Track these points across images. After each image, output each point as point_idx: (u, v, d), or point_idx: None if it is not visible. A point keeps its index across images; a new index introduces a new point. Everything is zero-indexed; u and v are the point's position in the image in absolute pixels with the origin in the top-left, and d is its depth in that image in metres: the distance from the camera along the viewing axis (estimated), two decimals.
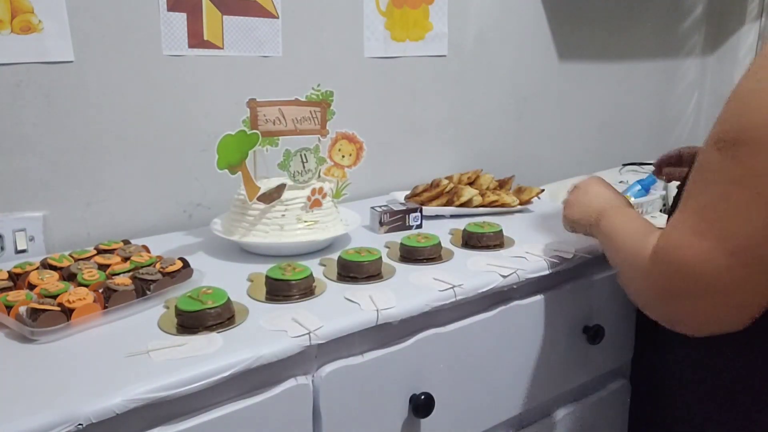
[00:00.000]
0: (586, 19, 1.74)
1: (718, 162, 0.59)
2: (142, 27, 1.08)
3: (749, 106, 0.57)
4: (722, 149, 0.58)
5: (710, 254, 0.58)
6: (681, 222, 0.61)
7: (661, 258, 0.62)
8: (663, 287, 0.63)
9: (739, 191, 0.57)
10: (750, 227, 0.56)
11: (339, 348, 0.77)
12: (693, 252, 0.59)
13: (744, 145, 0.56)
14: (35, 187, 1.04)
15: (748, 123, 0.57)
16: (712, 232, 0.58)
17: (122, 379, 0.62)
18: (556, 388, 1.03)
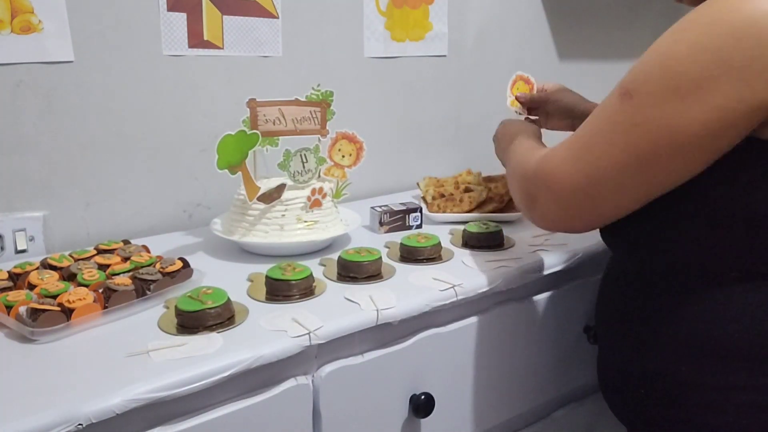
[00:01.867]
0: (586, 18, 1.74)
1: (612, 103, 0.67)
2: (142, 27, 1.08)
3: (649, 63, 0.65)
4: (620, 95, 0.66)
5: (574, 172, 0.69)
6: (567, 144, 0.71)
7: (539, 168, 0.74)
8: (532, 192, 0.75)
9: (614, 131, 0.66)
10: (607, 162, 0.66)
11: (339, 348, 0.77)
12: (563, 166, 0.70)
13: (633, 97, 0.64)
14: (35, 187, 1.04)
15: (643, 79, 0.65)
16: (583, 156, 0.69)
17: (122, 379, 0.62)
18: (556, 388, 1.03)
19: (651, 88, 0.64)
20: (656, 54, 0.65)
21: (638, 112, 0.64)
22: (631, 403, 0.80)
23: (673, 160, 0.64)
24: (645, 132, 0.64)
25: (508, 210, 1.18)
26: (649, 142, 0.64)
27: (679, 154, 0.63)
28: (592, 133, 0.69)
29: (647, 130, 0.63)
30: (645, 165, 0.65)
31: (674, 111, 0.62)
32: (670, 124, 0.62)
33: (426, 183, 1.30)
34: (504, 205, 1.19)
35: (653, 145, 0.63)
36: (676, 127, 0.62)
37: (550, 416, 1.05)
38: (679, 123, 0.62)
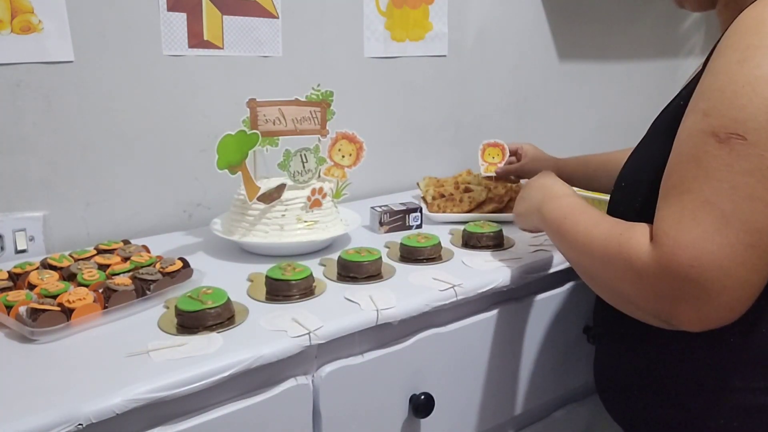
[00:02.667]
0: (586, 18, 1.74)
1: (719, 154, 0.58)
2: (142, 27, 1.08)
3: (749, 96, 0.57)
4: (722, 141, 0.57)
5: (733, 249, 0.56)
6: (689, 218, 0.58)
7: (669, 259, 0.59)
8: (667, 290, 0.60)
9: (752, 182, 0.56)
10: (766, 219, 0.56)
11: (339, 348, 0.77)
12: (712, 247, 0.57)
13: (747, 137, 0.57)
14: (35, 187, 1.04)
15: (751, 115, 0.57)
16: (731, 225, 0.57)
17: (122, 379, 0.62)
18: (556, 388, 1.03)
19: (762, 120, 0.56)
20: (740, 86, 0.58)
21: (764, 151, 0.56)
22: (628, 404, 0.81)
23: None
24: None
25: (507, 210, 1.18)
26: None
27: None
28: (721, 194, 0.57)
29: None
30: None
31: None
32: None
33: (426, 183, 1.30)
34: (504, 205, 1.19)
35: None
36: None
37: (550, 416, 1.06)
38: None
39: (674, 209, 0.60)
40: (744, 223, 0.57)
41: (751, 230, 0.57)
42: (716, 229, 0.57)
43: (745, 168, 0.57)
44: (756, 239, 0.57)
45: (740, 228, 0.57)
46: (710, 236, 0.57)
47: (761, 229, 0.57)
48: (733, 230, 0.57)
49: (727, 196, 0.57)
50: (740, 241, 0.56)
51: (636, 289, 0.64)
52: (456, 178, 1.29)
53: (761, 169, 0.56)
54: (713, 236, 0.57)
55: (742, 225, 0.57)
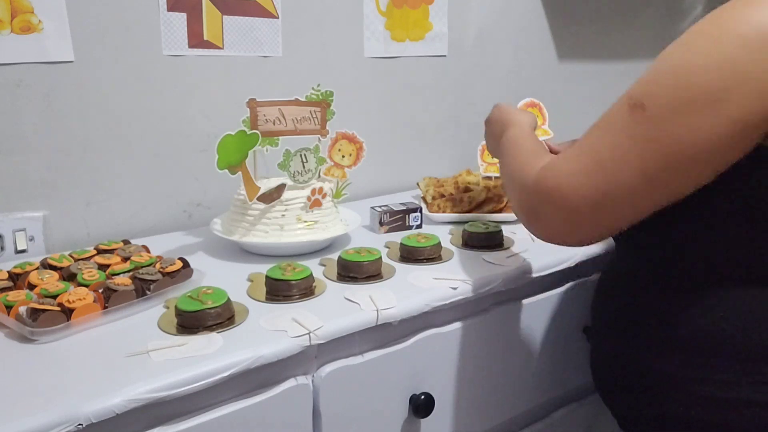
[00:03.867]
0: (585, 18, 1.74)
1: (623, 115, 0.65)
2: (142, 27, 1.08)
3: (661, 74, 0.64)
4: (631, 106, 0.64)
5: (588, 190, 0.66)
6: (574, 157, 0.68)
7: (542, 181, 0.70)
8: (534, 206, 0.71)
9: (630, 145, 0.64)
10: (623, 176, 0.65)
11: (339, 348, 0.77)
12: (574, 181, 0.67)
13: (647, 109, 0.63)
14: (35, 187, 1.04)
15: (655, 91, 0.63)
16: (598, 171, 0.66)
17: (122, 379, 0.62)
18: (556, 388, 1.03)
19: (664, 100, 0.62)
20: (668, 65, 0.64)
21: (652, 125, 0.63)
22: (624, 399, 0.81)
23: (688, 171, 0.64)
24: (660, 146, 0.63)
25: (507, 210, 1.18)
26: (664, 155, 0.63)
27: (693, 166, 0.63)
28: (603, 146, 0.66)
29: (662, 143, 0.63)
30: (659, 178, 0.64)
31: (688, 123, 0.61)
32: (684, 137, 0.62)
33: (426, 183, 1.30)
34: (504, 205, 1.19)
35: (668, 158, 0.63)
36: (691, 140, 0.62)
37: (550, 416, 1.05)
38: (693, 136, 0.61)
39: (574, 148, 0.69)
40: (609, 175, 0.65)
41: (609, 181, 0.65)
42: (588, 171, 0.66)
43: (632, 132, 0.64)
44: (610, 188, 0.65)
45: (605, 177, 0.65)
46: (581, 174, 0.67)
47: (620, 185, 0.65)
48: (600, 177, 0.66)
49: (607, 149, 0.65)
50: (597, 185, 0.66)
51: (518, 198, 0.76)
52: (456, 178, 1.29)
53: (642, 138, 0.63)
54: (583, 176, 0.66)
55: (608, 175, 0.65)
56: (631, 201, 0.66)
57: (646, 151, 0.63)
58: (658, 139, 0.63)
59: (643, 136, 0.63)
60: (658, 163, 0.63)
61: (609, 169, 0.65)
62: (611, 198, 0.66)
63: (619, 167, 0.65)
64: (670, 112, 0.62)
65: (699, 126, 0.61)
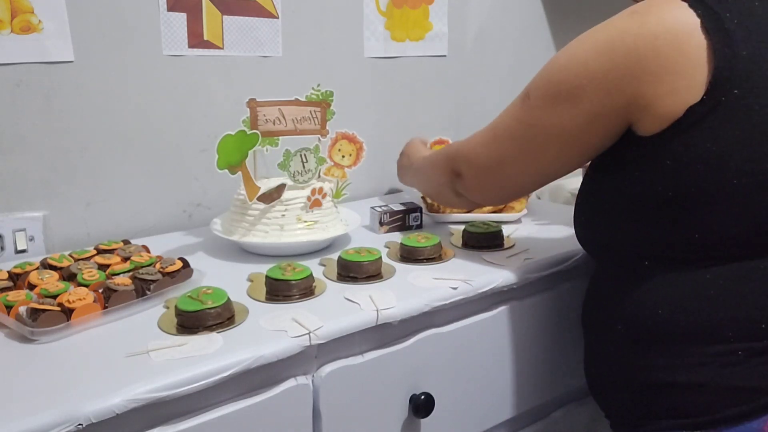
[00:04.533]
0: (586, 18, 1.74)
1: (518, 102, 0.80)
2: (142, 27, 1.08)
3: (544, 70, 0.77)
4: (523, 96, 0.79)
5: (487, 156, 0.84)
6: (481, 133, 0.86)
7: (460, 150, 0.89)
8: (455, 168, 0.89)
9: (516, 126, 0.80)
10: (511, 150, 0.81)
11: (339, 348, 0.77)
12: (479, 150, 0.86)
13: (529, 98, 0.78)
14: (35, 187, 1.04)
15: (537, 84, 0.77)
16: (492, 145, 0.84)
17: (122, 379, 0.62)
18: (556, 388, 1.03)
19: (539, 93, 0.77)
20: (547, 64, 0.77)
21: (532, 112, 0.77)
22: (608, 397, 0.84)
23: (559, 152, 0.78)
24: (536, 129, 0.77)
25: (507, 210, 1.18)
26: (539, 137, 0.78)
27: (563, 148, 0.77)
28: (500, 125, 0.83)
29: (538, 128, 0.77)
30: (537, 154, 0.80)
31: (555, 113, 0.75)
32: (553, 124, 0.75)
33: None
34: (504, 205, 1.19)
35: (542, 140, 0.78)
36: (558, 127, 0.75)
37: (550, 416, 1.05)
38: (559, 123, 0.75)
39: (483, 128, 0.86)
40: (501, 148, 0.82)
41: (501, 153, 0.83)
42: (487, 143, 0.84)
43: (520, 117, 0.79)
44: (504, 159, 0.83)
45: (498, 149, 0.83)
46: (483, 145, 0.85)
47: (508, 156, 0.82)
48: (494, 147, 0.83)
49: (503, 129, 0.82)
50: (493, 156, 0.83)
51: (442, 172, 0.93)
52: None
53: (526, 123, 0.78)
54: (484, 146, 0.85)
55: (499, 148, 0.83)
56: (517, 171, 0.83)
57: (527, 133, 0.79)
58: (535, 124, 0.77)
59: (525, 120, 0.79)
60: (535, 144, 0.79)
61: (501, 143, 0.82)
62: (502, 165, 0.83)
63: (508, 142, 0.81)
64: (542, 103, 0.76)
65: (563, 116, 0.74)
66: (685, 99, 0.67)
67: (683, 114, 0.67)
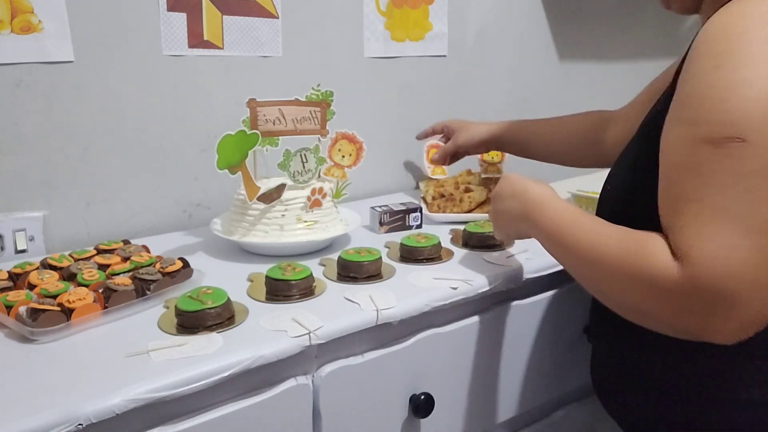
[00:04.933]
0: (586, 18, 1.74)
1: (721, 158, 0.57)
2: (142, 27, 1.08)
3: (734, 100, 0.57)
4: (719, 145, 0.57)
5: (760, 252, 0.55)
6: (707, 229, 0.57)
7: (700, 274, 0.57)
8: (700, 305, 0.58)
9: (761, 183, 0.56)
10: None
11: (339, 348, 0.77)
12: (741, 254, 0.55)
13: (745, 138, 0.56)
14: (35, 187, 1.04)
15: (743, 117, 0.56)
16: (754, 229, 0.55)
17: (122, 379, 0.62)
18: (556, 388, 1.03)
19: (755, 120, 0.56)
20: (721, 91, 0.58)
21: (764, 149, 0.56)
22: (625, 403, 0.81)
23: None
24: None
25: None
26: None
27: None
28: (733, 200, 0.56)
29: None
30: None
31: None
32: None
33: (426, 183, 1.30)
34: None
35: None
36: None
37: (550, 416, 1.06)
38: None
39: (688, 220, 0.58)
40: (764, 224, 0.56)
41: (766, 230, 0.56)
42: (739, 235, 0.55)
43: (751, 169, 0.56)
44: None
45: (763, 230, 0.56)
46: (735, 243, 0.55)
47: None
48: (756, 234, 0.56)
49: (742, 200, 0.56)
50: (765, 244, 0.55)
51: (663, 306, 0.61)
52: (456, 178, 1.29)
53: (766, 167, 0.55)
54: (738, 243, 0.55)
55: (764, 226, 0.56)
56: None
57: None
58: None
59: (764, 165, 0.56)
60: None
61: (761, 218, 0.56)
62: None
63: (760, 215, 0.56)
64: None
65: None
66: None
67: None
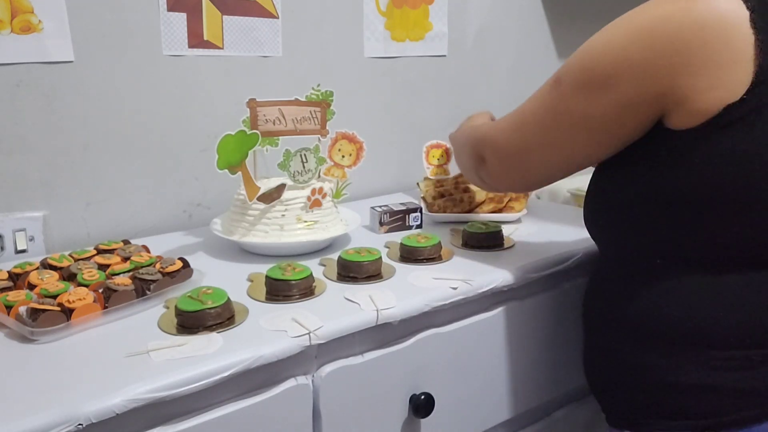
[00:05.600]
0: (586, 18, 1.74)
1: (547, 88, 0.78)
2: (142, 27, 1.08)
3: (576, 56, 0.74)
4: (554, 82, 0.76)
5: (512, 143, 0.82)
6: (508, 119, 0.84)
7: (485, 134, 0.87)
8: (479, 152, 0.88)
9: (543, 113, 0.78)
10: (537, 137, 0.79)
11: (339, 348, 0.77)
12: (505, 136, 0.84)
13: (560, 84, 0.75)
14: (35, 187, 1.04)
15: (567, 70, 0.74)
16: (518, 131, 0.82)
17: (122, 379, 0.62)
18: (556, 388, 1.03)
19: (572, 79, 0.74)
20: (583, 48, 0.74)
21: (562, 99, 0.75)
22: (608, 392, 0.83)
23: (587, 140, 0.75)
24: (565, 117, 0.75)
25: (507, 210, 1.18)
26: (567, 125, 0.75)
27: (591, 136, 0.74)
28: (528, 111, 0.81)
29: (566, 115, 0.75)
30: (564, 143, 0.77)
31: (586, 101, 0.72)
32: (583, 112, 0.73)
33: (426, 183, 1.30)
34: (504, 205, 1.19)
35: (570, 127, 0.75)
36: (588, 115, 0.72)
37: (550, 416, 1.05)
38: (590, 111, 0.72)
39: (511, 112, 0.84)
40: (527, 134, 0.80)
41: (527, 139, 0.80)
42: (513, 129, 0.82)
43: (549, 104, 0.77)
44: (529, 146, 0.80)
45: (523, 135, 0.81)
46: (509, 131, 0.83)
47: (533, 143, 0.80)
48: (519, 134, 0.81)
49: (530, 115, 0.80)
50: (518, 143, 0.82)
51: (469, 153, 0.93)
52: (456, 178, 1.29)
53: (555, 109, 0.76)
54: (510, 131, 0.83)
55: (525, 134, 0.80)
56: (543, 158, 0.80)
57: (555, 120, 0.76)
58: (564, 111, 0.75)
59: (554, 107, 0.76)
60: (562, 131, 0.76)
61: (527, 130, 0.80)
62: (527, 152, 0.81)
63: (534, 129, 0.79)
64: (573, 89, 0.73)
65: (594, 103, 0.71)
66: (724, 96, 0.64)
67: (720, 111, 0.64)
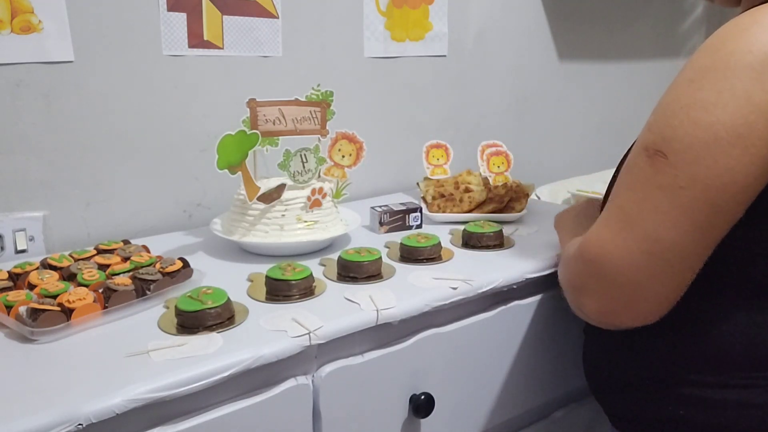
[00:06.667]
0: (586, 18, 1.74)
1: (644, 167, 0.63)
2: (142, 27, 1.08)
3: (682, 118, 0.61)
4: (650, 156, 0.62)
5: (628, 250, 0.63)
6: (605, 219, 0.66)
7: (581, 251, 0.68)
8: (577, 283, 0.70)
9: (661, 197, 0.61)
10: (665, 231, 0.61)
11: (339, 348, 0.77)
12: (612, 247, 0.64)
13: (668, 156, 0.61)
14: (35, 187, 1.04)
15: (672, 135, 0.61)
16: (632, 231, 0.63)
17: (122, 379, 0.62)
18: (556, 388, 1.03)
19: (686, 142, 0.60)
20: (679, 106, 0.61)
21: (680, 171, 0.60)
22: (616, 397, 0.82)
23: (730, 211, 0.61)
24: (695, 192, 0.60)
25: (507, 210, 1.19)
26: (702, 200, 0.60)
27: (734, 205, 0.60)
28: (632, 203, 0.63)
29: (696, 188, 0.60)
30: (704, 225, 0.61)
31: (717, 163, 0.59)
32: (717, 178, 0.59)
33: (426, 183, 1.30)
34: (504, 205, 1.19)
35: (707, 202, 0.60)
36: (725, 179, 0.59)
37: (550, 416, 1.05)
38: (725, 174, 0.59)
39: (604, 212, 0.67)
40: (644, 231, 0.62)
41: (649, 238, 0.62)
42: (620, 231, 0.63)
43: (659, 183, 0.61)
44: (654, 247, 0.62)
45: (640, 234, 0.62)
46: (613, 237, 0.64)
47: (660, 240, 0.61)
48: (633, 235, 0.62)
49: (636, 205, 0.63)
50: (638, 247, 0.62)
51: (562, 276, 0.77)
52: (456, 178, 1.29)
53: (673, 187, 0.60)
54: (616, 237, 0.64)
55: (642, 232, 0.62)
56: (681, 257, 0.61)
57: (682, 200, 0.60)
58: (690, 185, 0.59)
59: (673, 185, 0.60)
60: (701, 210, 0.60)
61: (647, 226, 0.61)
62: (656, 257, 0.62)
63: (657, 222, 0.61)
64: (694, 155, 0.59)
65: (729, 164, 0.58)
66: None
67: None
